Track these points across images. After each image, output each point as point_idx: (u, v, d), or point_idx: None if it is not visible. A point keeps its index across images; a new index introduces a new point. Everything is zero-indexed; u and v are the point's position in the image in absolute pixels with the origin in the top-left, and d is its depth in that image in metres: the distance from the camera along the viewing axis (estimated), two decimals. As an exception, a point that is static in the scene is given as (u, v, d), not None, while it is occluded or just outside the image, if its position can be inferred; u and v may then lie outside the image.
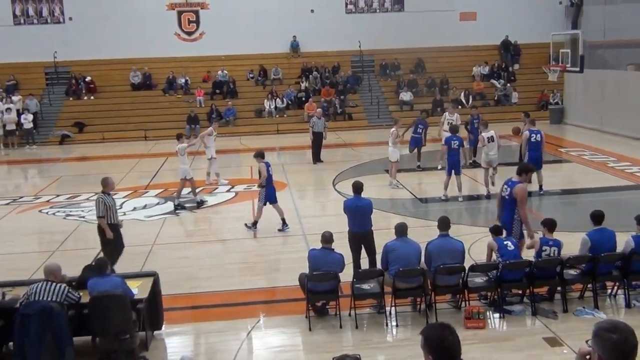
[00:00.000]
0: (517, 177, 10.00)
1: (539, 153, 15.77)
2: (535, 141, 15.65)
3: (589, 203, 14.36)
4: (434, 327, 3.82)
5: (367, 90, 31.56)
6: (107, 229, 10.68)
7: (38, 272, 10.80)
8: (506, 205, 10.00)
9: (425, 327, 3.87)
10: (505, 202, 10.03)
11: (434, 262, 8.95)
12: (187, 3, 32.49)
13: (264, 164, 13.58)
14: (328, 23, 32.42)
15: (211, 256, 12.32)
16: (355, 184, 10.53)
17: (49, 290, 7.63)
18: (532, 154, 15.64)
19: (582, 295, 9.55)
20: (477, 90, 31.32)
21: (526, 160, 15.70)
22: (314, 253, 9.15)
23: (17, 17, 31.81)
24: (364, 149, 23.92)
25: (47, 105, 30.20)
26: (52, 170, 22.63)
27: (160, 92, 31.31)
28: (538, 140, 15.68)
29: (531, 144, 15.66)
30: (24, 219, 15.69)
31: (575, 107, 28.57)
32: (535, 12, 32.39)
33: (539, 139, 15.70)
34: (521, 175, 10.01)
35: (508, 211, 9.96)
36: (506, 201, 9.99)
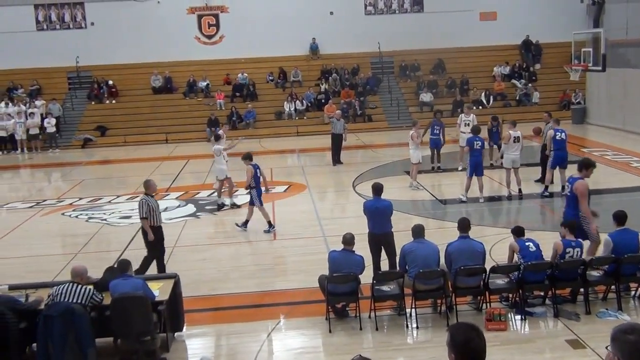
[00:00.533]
0: (577, 173, 10.02)
1: (565, 152, 15.60)
2: (561, 139, 15.50)
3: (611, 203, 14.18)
4: (462, 328, 3.77)
5: (386, 92, 31.49)
6: (150, 231, 10.69)
7: (61, 274, 10.94)
8: (569, 202, 10.07)
9: (453, 325, 3.84)
10: (568, 199, 10.13)
11: (455, 263, 8.90)
12: (207, 7, 32.68)
13: (251, 167, 13.69)
14: (347, 25, 32.41)
15: (231, 258, 12.37)
16: (375, 186, 10.50)
17: (73, 292, 7.71)
18: (558, 153, 15.46)
19: (606, 297, 9.43)
20: (498, 90, 31.11)
21: (551, 160, 15.55)
22: (334, 255, 9.14)
23: (39, 23, 32.23)
24: (383, 151, 23.86)
25: (69, 110, 30.56)
26: (74, 173, 22.87)
27: (180, 95, 31.52)
28: (563, 138, 15.53)
29: (556, 142, 15.49)
30: (47, 221, 15.87)
31: (597, 106, 28.26)
32: (556, 11, 32.09)
33: (564, 137, 15.56)
34: (581, 171, 10.09)
35: (571, 208, 9.98)
36: (569, 198, 10.09)
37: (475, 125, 16.83)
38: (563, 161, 15.54)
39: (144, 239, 10.85)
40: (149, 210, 10.69)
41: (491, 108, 29.85)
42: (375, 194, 10.42)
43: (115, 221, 15.51)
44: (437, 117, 19.57)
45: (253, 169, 13.67)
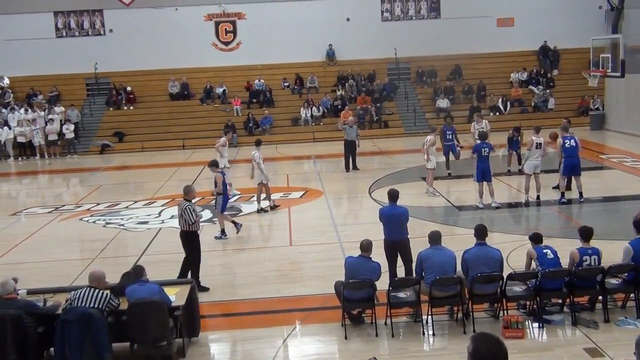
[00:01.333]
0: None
1: (576, 159, 15.44)
2: (570, 147, 15.33)
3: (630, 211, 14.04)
4: (486, 340, 3.72)
5: (403, 98, 31.45)
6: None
7: (78, 279, 11.02)
8: None
9: (477, 335, 3.81)
10: None
11: (471, 270, 8.85)
12: (224, 13, 32.86)
13: (220, 174, 13.79)
14: (364, 31, 32.41)
15: (247, 264, 12.38)
16: (391, 192, 10.49)
17: (91, 297, 7.76)
18: (568, 160, 15.33)
19: (625, 305, 9.32)
20: (515, 96, 30.95)
21: (562, 168, 15.43)
22: (351, 260, 9.13)
23: (59, 30, 32.58)
24: (400, 157, 23.81)
25: (87, 116, 30.84)
26: (92, 179, 23.06)
27: (197, 101, 31.69)
28: (573, 145, 15.36)
29: (566, 150, 15.34)
30: (65, 227, 16.00)
31: (616, 112, 28.03)
32: (574, 16, 31.86)
33: (573, 144, 15.37)
34: None
35: None
36: None
37: (483, 131, 16.77)
38: (575, 168, 15.40)
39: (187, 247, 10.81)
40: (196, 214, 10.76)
41: (508, 114, 29.72)
42: (391, 200, 10.40)
43: (132, 226, 15.60)
44: (448, 122, 19.53)
45: (222, 176, 13.75)
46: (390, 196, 10.43)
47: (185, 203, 10.74)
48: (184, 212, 10.61)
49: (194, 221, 10.71)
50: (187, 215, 10.62)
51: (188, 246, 10.80)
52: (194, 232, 10.82)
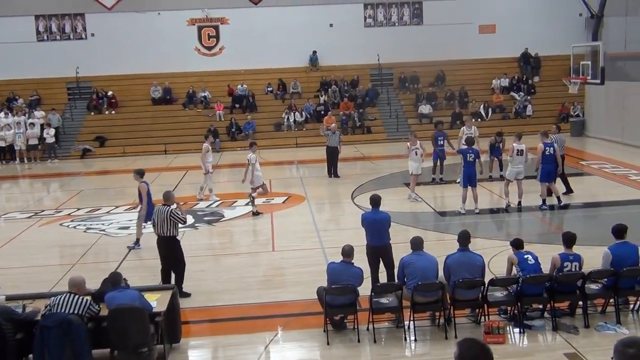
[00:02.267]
0: None
1: (552, 166, 15.57)
2: (549, 154, 15.49)
3: (610, 216, 14.20)
4: (471, 346, 3.75)
5: (386, 104, 31.58)
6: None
7: (58, 285, 10.92)
8: None
9: (463, 340, 3.83)
10: None
11: (453, 276, 8.89)
12: (207, 18, 32.82)
13: (144, 184, 13.72)
14: (347, 37, 32.53)
15: (229, 269, 12.34)
16: (373, 197, 10.51)
17: (71, 303, 7.69)
18: (545, 167, 15.46)
19: (604, 310, 9.41)
20: (497, 102, 31.19)
21: (539, 174, 15.55)
22: (333, 266, 9.13)
23: (40, 34, 32.34)
24: (382, 162, 23.89)
25: (68, 120, 30.61)
26: (73, 184, 22.88)
27: (180, 106, 31.59)
28: (551, 153, 15.52)
29: (545, 157, 15.48)
30: (45, 232, 15.85)
31: (596, 119, 28.35)
32: (555, 24, 32.22)
33: (552, 152, 15.53)
34: None
35: None
36: None
37: (470, 137, 16.87)
38: (550, 175, 15.55)
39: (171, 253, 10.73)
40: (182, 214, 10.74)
41: (490, 120, 29.94)
42: (373, 206, 10.42)
43: (113, 232, 15.50)
44: (439, 128, 19.62)
45: (147, 186, 13.69)
46: (373, 201, 10.45)
47: (166, 208, 10.65)
48: (172, 217, 10.55)
49: (184, 220, 10.73)
50: (175, 219, 10.57)
51: (170, 252, 10.72)
52: (174, 238, 10.75)
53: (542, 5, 32.93)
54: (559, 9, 32.21)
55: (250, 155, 16.41)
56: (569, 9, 31.53)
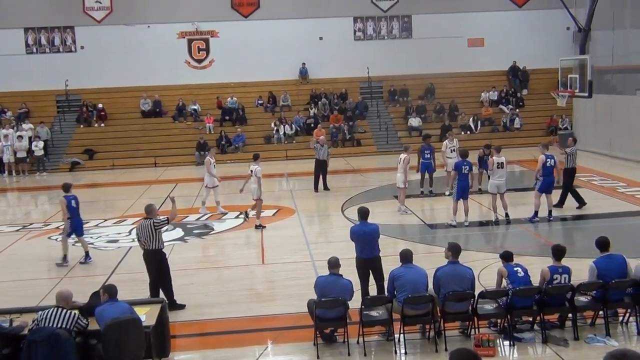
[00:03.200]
0: None
1: (552, 178, 15.68)
2: (550, 166, 15.59)
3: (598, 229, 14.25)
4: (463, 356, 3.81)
5: (375, 116, 31.67)
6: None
7: (46, 299, 10.83)
8: None
9: (454, 351, 3.86)
10: None
11: (443, 288, 8.89)
12: (197, 31, 32.88)
13: (64, 198, 13.77)
14: (336, 50, 32.71)
15: (219, 283, 12.30)
16: (361, 210, 10.51)
17: (58, 317, 7.63)
18: (547, 179, 15.54)
19: (594, 323, 9.43)
20: (486, 115, 31.35)
21: (539, 186, 15.61)
22: (322, 280, 9.11)
23: (29, 47, 32.29)
24: (372, 175, 23.93)
25: (57, 133, 30.50)
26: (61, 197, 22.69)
27: (170, 119, 31.55)
28: (552, 165, 15.62)
29: (546, 169, 15.58)
30: (33, 245, 15.74)
31: (584, 132, 28.53)
32: (542, 37, 32.53)
33: (552, 164, 15.64)
34: None
35: None
36: None
37: (464, 149, 16.94)
38: (550, 187, 15.64)
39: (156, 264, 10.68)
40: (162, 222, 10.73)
41: (479, 133, 30.08)
42: (361, 218, 10.42)
43: (102, 245, 15.41)
44: (427, 141, 19.68)
45: (67, 201, 13.70)
46: (361, 214, 10.45)
47: (149, 221, 10.62)
48: (155, 227, 10.50)
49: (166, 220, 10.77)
50: (159, 226, 10.54)
51: (156, 265, 10.68)
52: (160, 251, 10.71)
53: (530, 19, 33.23)
54: (547, 22, 32.49)
55: (257, 167, 16.18)
56: (556, 22, 31.80)
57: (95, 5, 32.23)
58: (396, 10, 33.53)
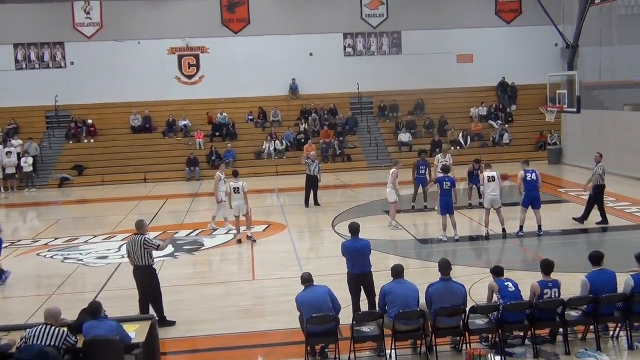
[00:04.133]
0: None
1: (536, 192, 15.69)
2: (531, 180, 15.62)
3: (588, 243, 14.34)
4: None
5: (366, 132, 31.75)
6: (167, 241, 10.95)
7: (35, 316, 10.73)
8: None
9: None
10: None
11: (435, 305, 8.86)
12: (187, 47, 32.94)
13: None
14: (327, 66, 32.86)
15: (209, 299, 12.21)
16: (352, 226, 10.49)
17: (47, 335, 7.55)
18: (529, 193, 15.58)
19: (585, 337, 9.42)
20: (476, 131, 31.50)
21: (523, 200, 15.65)
22: (301, 298, 9.01)
23: (19, 62, 32.25)
24: (363, 190, 23.94)
25: (47, 149, 30.38)
26: (50, 213, 22.61)
27: (160, 135, 31.51)
28: (534, 179, 15.65)
29: (527, 182, 15.62)
30: (22, 262, 15.59)
31: (573, 147, 28.70)
32: (531, 54, 32.83)
33: (534, 177, 15.67)
34: None
35: None
36: None
37: (445, 164, 16.99)
38: (535, 201, 15.65)
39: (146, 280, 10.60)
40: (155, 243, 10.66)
41: (469, 148, 30.22)
42: (352, 234, 10.40)
43: (91, 262, 15.30)
44: (422, 157, 19.65)
45: None
46: (352, 230, 10.43)
47: (140, 237, 10.56)
48: (145, 245, 10.44)
49: (157, 246, 10.59)
50: (149, 246, 10.47)
51: (147, 282, 10.60)
52: (150, 267, 10.65)
53: (519, 35, 33.55)
54: (536, 39, 32.79)
55: (243, 184, 16.27)
56: (545, 39, 32.08)
57: (85, 21, 32.27)
58: (386, 26, 33.75)
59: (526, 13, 33.50)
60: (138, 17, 32.30)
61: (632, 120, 25.29)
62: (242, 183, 16.27)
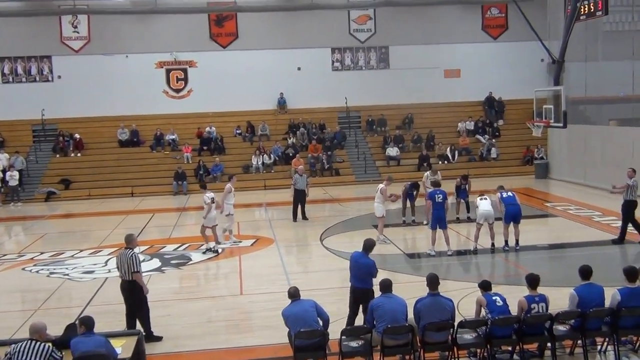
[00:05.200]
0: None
1: (516, 207, 15.66)
2: (508, 196, 15.67)
3: (575, 258, 14.38)
4: None
5: (353, 146, 31.82)
6: (144, 285, 10.60)
7: (19, 331, 10.60)
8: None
9: None
10: None
11: (423, 320, 8.84)
12: (175, 61, 32.96)
13: None
14: (315, 80, 32.99)
15: (196, 314, 12.13)
16: (366, 242, 10.42)
17: (32, 350, 7.45)
18: (509, 208, 15.60)
19: (572, 352, 9.44)
20: (463, 145, 31.65)
21: (505, 217, 15.66)
22: (287, 312, 8.97)
23: (5, 76, 32.12)
24: (351, 205, 23.94)
25: (33, 163, 30.18)
26: (36, 227, 22.44)
27: (147, 148, 31.42)
28: (510, 195, 15.72)
29: (504, 199, 15.64)
30: (6, 277, 15.45)
31: (559, 161, 28.91)
32: (517, 69, 33.13)
33: (510, 194, 15.75)
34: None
35: None
36: None
37: (436, 179, 17.04)
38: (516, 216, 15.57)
39: (132, 297, 10.53)
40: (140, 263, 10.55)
41: (456, 163, 30.35)
42: (363, 249, 10.31)
43: (77, 276, 15.16)
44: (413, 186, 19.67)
45: None
46: (364, 245, 10.32)
47: (129, 251, 10.50)
48: (130, 260, 10.38)
49: (137, 270, 10.45)
50: (132, 263, 10.39)
51: (133, 296, 10.53)
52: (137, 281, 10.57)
53: (506, 50, 33.87)
54: (522, 54, 33.10)
55: (213, 195, 16.64)
56: (531, 54, 32.36)
57: (73, 34, 32.22)
58: (373, 41, 33.94)
59: (512, 28, 33.81)
60: (126, 30, 32.27)
61: (618, 134, 25.53)
62: (212, 195, 16.68)
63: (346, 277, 10.48)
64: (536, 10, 28.46)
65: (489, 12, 34.53)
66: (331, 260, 15.66)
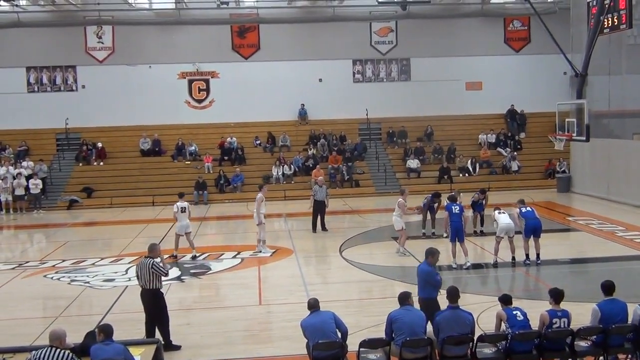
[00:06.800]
0: None
1: (537, 221, 15.57)
2: (527, 211, 15.60)
3: (598, 273, 14.21)
4: None
5: (374, 158, 31.78)
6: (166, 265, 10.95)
7: (40, 338, 10.70)
8: None
9: None
10: None
11: (442, 333, 8.77)
12: (198, 72, 33.22)
13: None
14: (336, 91, 33.03)
15: (215, 323, 12.15)
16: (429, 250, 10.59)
17: (52, 357, 7.50)
18: (529, 222, 15.47)
19: (594, 368, 9.30)
20: (484, 158, 31.47)
21: (525, 231, 15.52)
22: (306, 323, 8.95)
23: (31, 85, 32.56)
24: (371, 216, 23.88)
25: (56, 171, 30.52)
26: (58, 235, 22.66)
27: (169, 158, 31.64)
28: (530, 210, 15.64)
29: (524, 214, 15.54)
30: (28, 284, 15.60)
31: (582, 175, 28.61)
32: (540, 81, 32.95)
33: (530, 209, 15.69)
34: None
35: None
36: None
37: (452, 194, 16.97)
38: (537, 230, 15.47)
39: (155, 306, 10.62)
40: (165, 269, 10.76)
41: (477, 175, 30.18)
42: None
43: (98, 284, 15.27)
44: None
45: None
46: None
47: (149, 260, 10.57)
48: (153, 269, 10.45)
49: (166, 273, 10.69)
50: (157, 271, 10.48)
51: (154, 305, 10.59)
52: (158, 290, 10.64)
53: (528, 63, 33.71)
54: (544, 67, 32.91)
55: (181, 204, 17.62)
56: (553, 67, 32.19)
57: (97, 45, 32.62)
58: (395, 53, 33.95)
59: (535, 42, 33.63)
60: (149, 41, 32.65)
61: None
62: (187, 204, 17.55)
63: (365, 289, 10.45)
64: (559, 24, 28.31)
65: (511, 25, 34.38)
66: (350, 271, 15.62)
